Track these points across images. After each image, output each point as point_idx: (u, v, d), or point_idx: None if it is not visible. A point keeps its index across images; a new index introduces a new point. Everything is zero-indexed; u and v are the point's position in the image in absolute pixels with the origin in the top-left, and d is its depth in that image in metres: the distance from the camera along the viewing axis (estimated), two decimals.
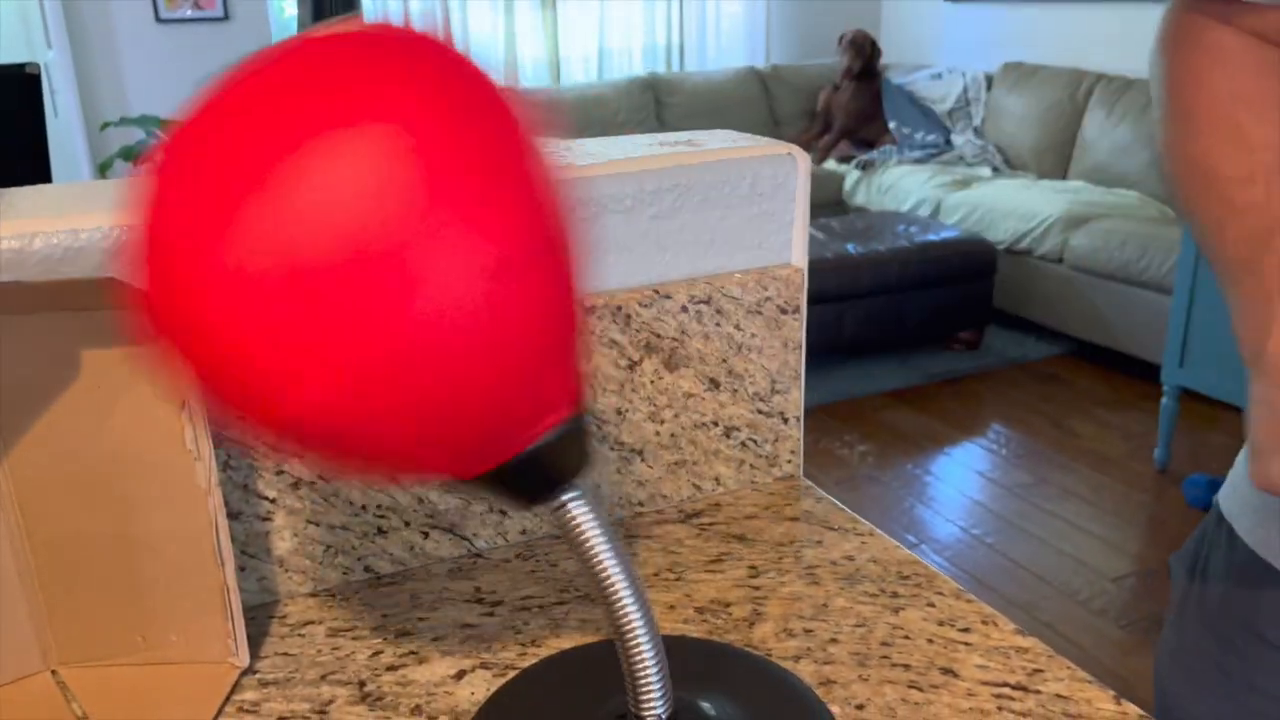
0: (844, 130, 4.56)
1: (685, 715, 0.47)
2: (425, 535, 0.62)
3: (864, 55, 4.51)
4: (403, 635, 0.56)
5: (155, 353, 0.34)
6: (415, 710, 0.50)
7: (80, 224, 0.52)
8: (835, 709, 0.49)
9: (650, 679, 0.44)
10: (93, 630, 0.53)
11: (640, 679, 0.44)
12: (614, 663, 0.51)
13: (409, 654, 0.54)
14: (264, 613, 0.58)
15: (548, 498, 0.41)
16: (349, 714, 0.50)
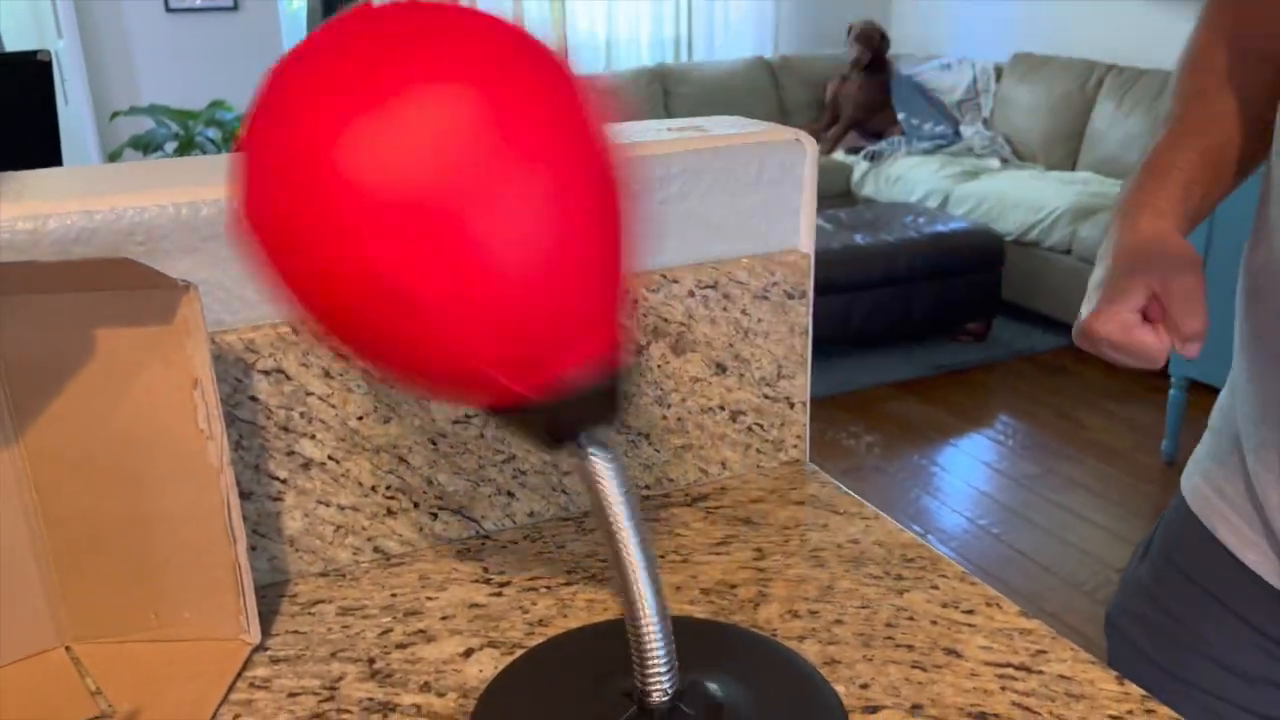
0: (852, 121, 4.55)
1: (691, 694, 0.47)
2: (434, 516, 0.63)
3: (873, 46, 4.49)
4: (411, 614, 0.57)
5: (253, 260, 0.37)
6: (424, 687, 0.51)
7: (94, 205, 0.52)
8: (840, 688, 0.50)
9: (657, 653, 0.45)
10: (106, 607, 0.54)
11: (648, 657, 0.45)
12: (621, 643, 0.51)
13: (418, 632, 0.55)
14: (274, 592, 0.59)
15: (571, 438, 0.42)
16: (359, 690, 0.50)
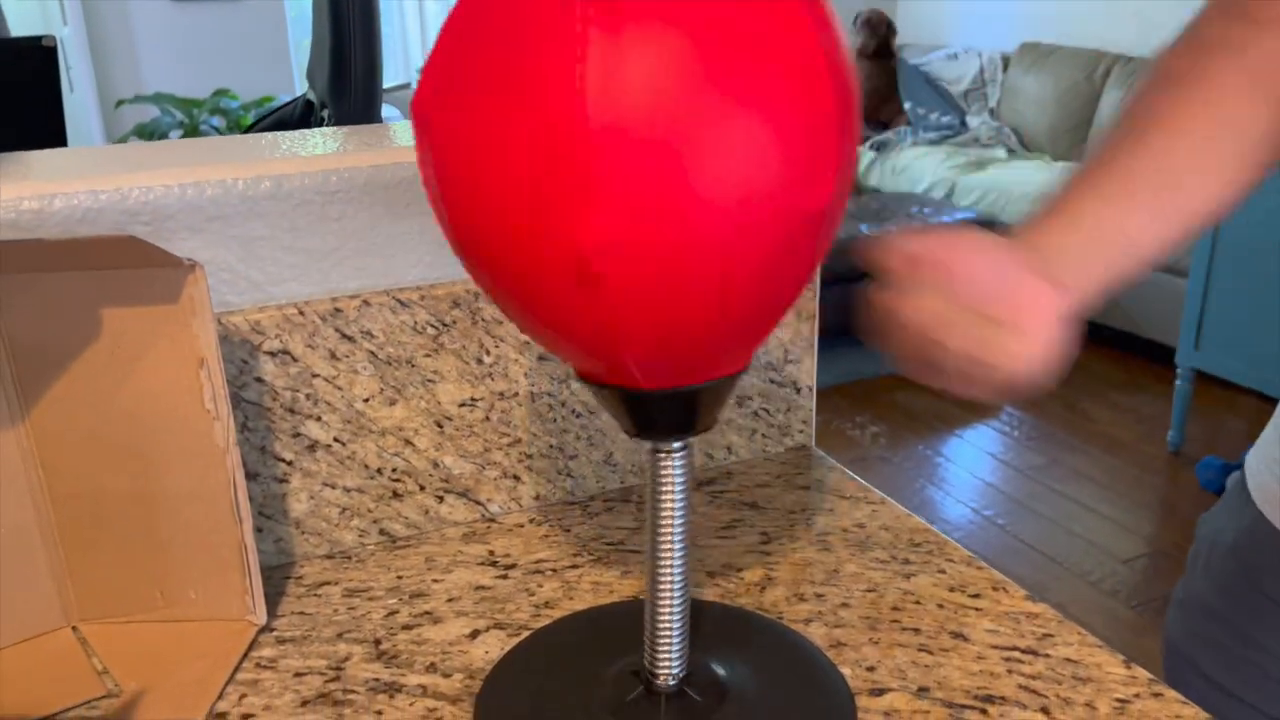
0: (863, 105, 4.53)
1: (697, 676, 0.47)
2: (440, 499, 0.63)
3: (879, 35, 4.47)
4: (417, 596, 0.57)
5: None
6: (430, 668, 0.51)
7: (99, 185, 0.52)
8: (846, 671, 0.50)
9: (672, 638, 0.45)
10: (113, 587, 0.54)
11: (661, 639, 0.45)
12: (627, 624, 0.51)
13: (424, 614, 0.55)
14: (280, 573, 0.59)
15: (679, 435, 0.42)
16: (364, 671, 0.50)
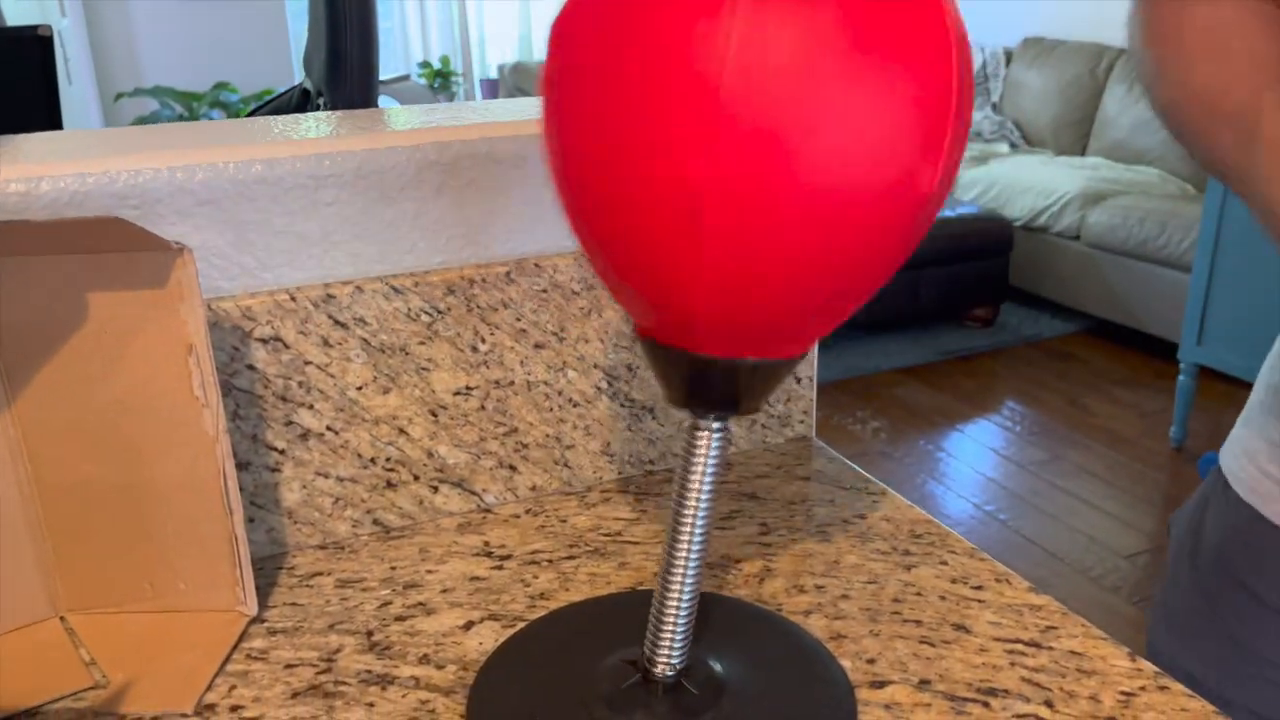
0: None
1: (694, 668, 0.46)
2: (435, 490, 0.62)
3: None
4: (411, 587, 0.56)
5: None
6: (423, 659, 0.50)
7: (87, 168, 0.51)
8: (846, 663, 0.49)
9: (677, 627, 0.44)
10: (101, 577, 0.53)
11: (666, 626, 0.44)
12: (623, 616, 0.51)
13: (417, 605, 0.54)
14: (272, 564, 0.58)
15: (724, 411, 0.42)
16: (356, 662, 0.50)
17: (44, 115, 1.36)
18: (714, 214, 0.33)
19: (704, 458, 0.42)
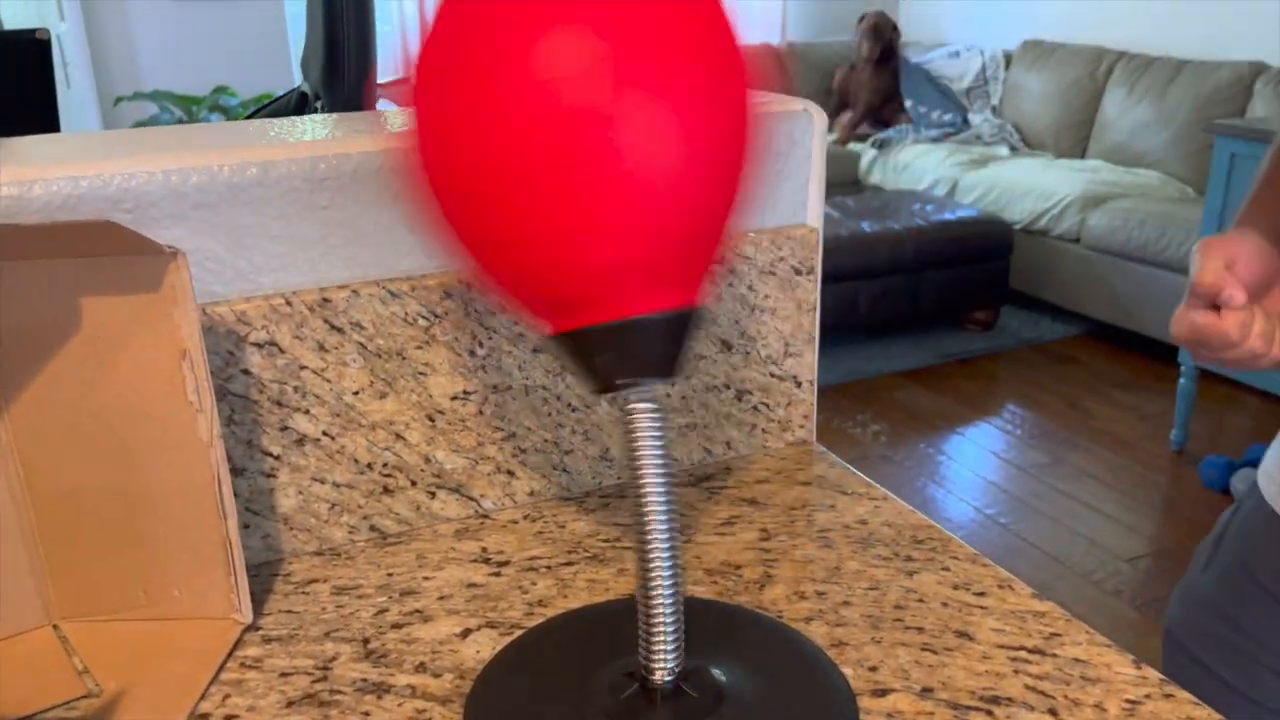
0: (869, 108, 4.50)
1: (695, 675, 0.46)
2: (432, 495, 0.61)
3: (884, 40, 4.45)
4: (408, 594, 0.55)
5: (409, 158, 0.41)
6: (419, 668, 0.49)
7: (80, 171, 0.51)
8: (847, 671, 0.48)
9: (665, 628, 0.43)
10: (94, 584, 0.52)
11: (656, 630, 0.43)
12: (622, 624, 0.50)
13: (414, 612, 0.54)
14: (268, 570, 0.58)
15: (626, 381, 0.41)
16: (352, 670, 0.49)
17: (41, 118, 1.35)
18: (585, 177, 0.38)
19: (643, 440, 0.42)
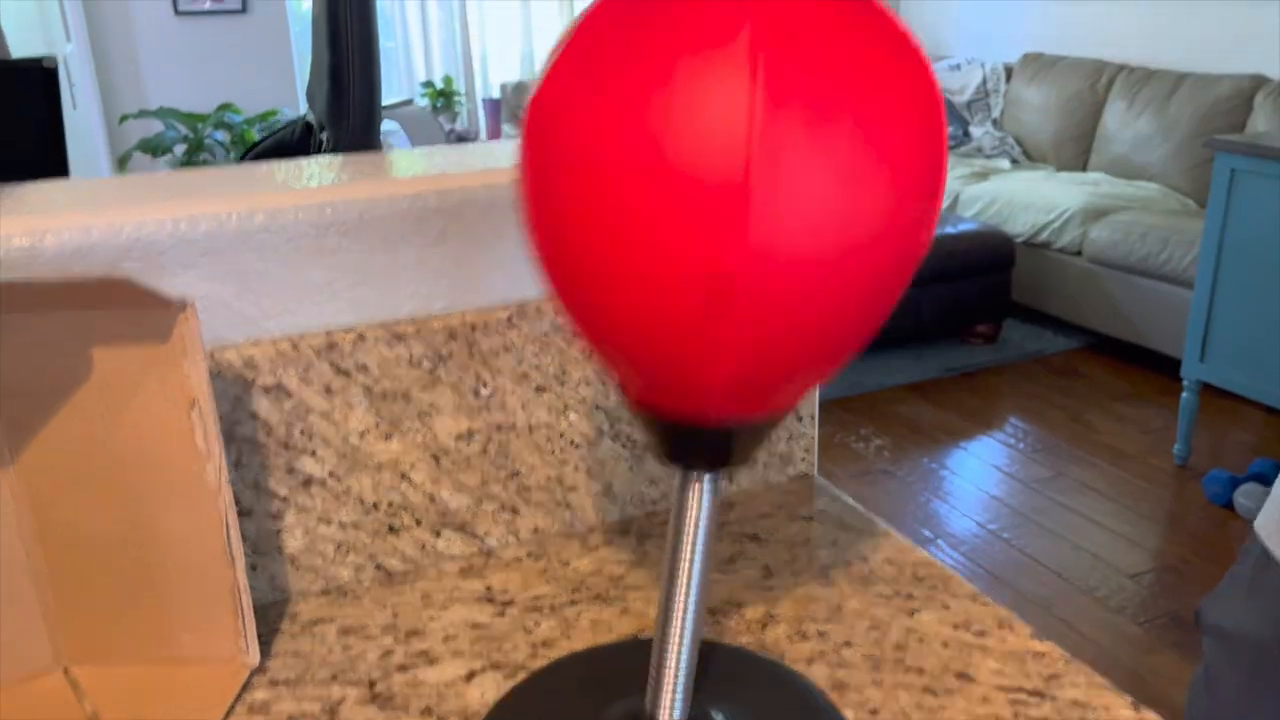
0: None
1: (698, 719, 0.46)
2: (437, 534, 0.62)
3: None
4: (413, 635, 0.56)
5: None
6: (425, 711, 0.50)
7: (91, 221, 0.51)
8: (849, 713, 0.49)
9: (678, 678, 0.44)
10: (104, 629, 0.53)
11: (666, 678, 0.44)
12: (625, 666, 0.51)
13: (419, 654, 0.54)
14: (275, 611, 0.58)
15: (715, 466, 0.42)
16: (359, 714, 0.50)
17: (50, 149, 1.36)
18: (744, 295, 0.34)
19: (697, 511, 0.42)
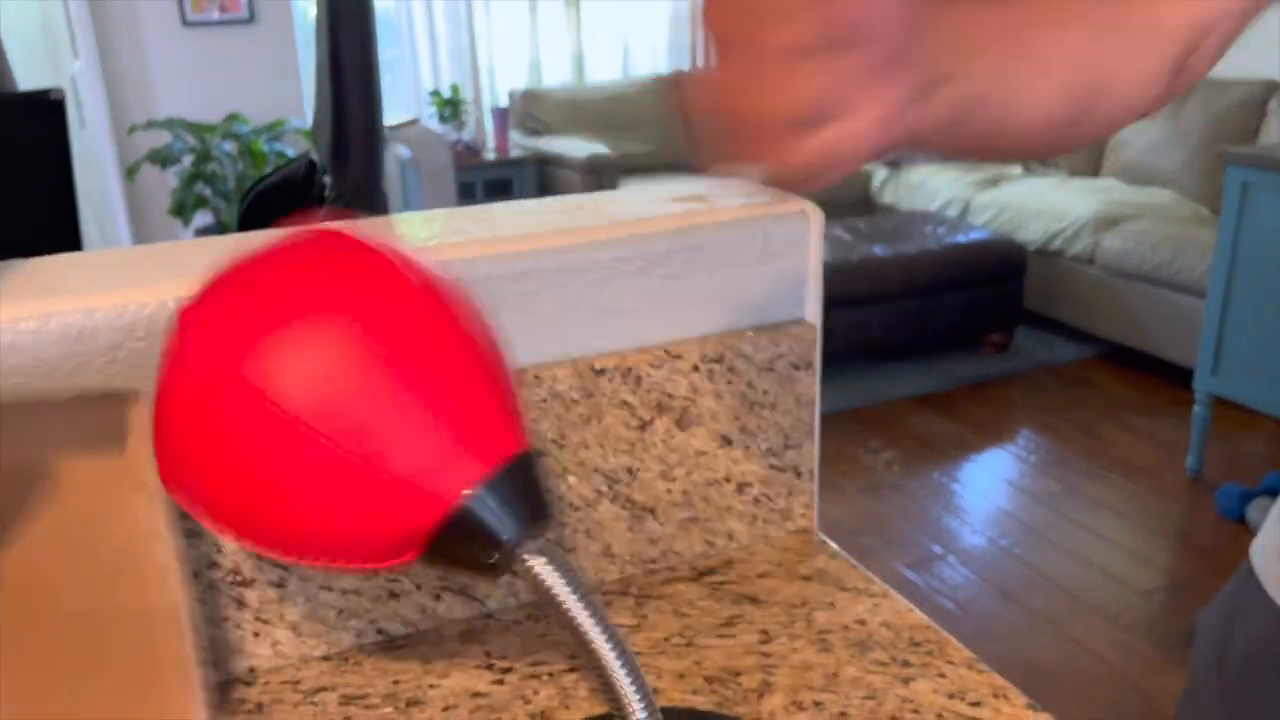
0: None
1: None
2: (437, 597, 0.63)
3: None
4: (414, 704, 0.56)
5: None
6: None
7: (95, 303, 0.52)
8: None
9: None
10: (60, 706, 0.53)
11: None
12: None
13: None
14: (277, 678, 0.59)
15: (499, 561, 0.43)
16: None
17: (56, 183, 1.36)
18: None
19: (558, 591, 0.43)
